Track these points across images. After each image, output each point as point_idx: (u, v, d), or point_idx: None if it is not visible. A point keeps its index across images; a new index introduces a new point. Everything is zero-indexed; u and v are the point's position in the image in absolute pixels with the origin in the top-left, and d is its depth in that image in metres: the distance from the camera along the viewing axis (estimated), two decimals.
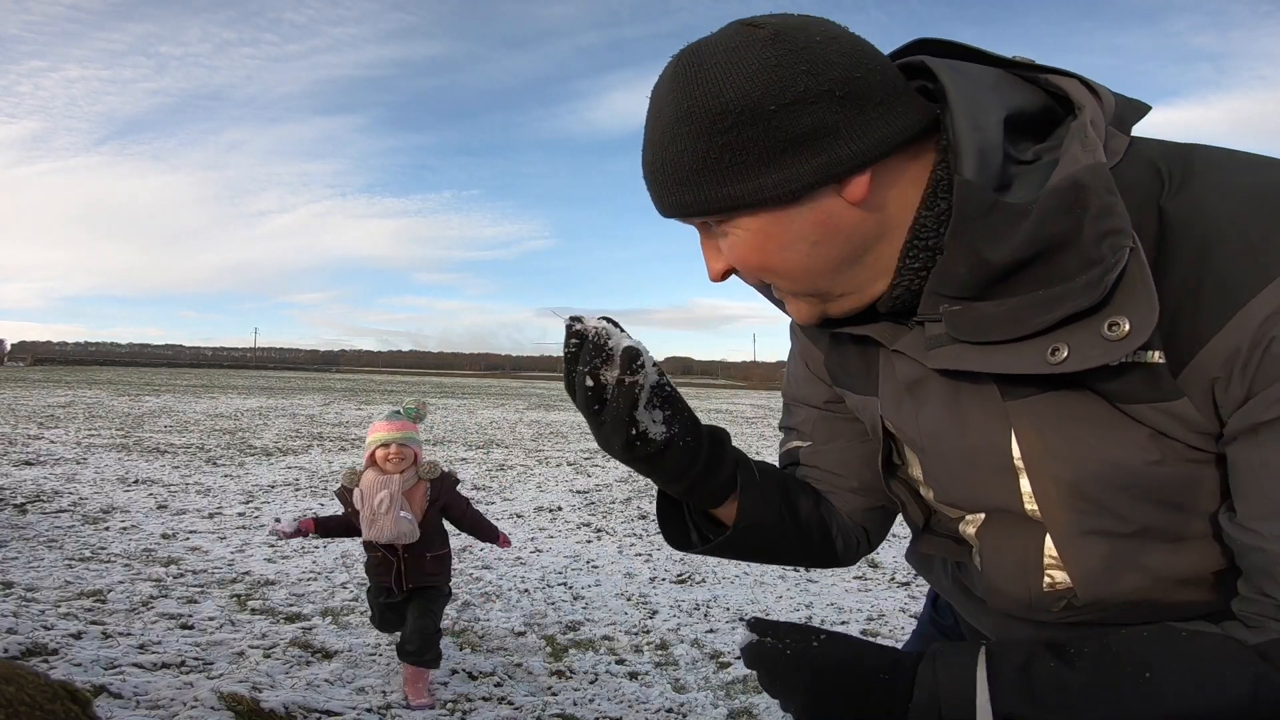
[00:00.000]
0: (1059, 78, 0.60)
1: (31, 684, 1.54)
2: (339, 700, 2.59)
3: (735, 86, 0.55)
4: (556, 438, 13.06)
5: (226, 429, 12.23)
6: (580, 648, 3.26)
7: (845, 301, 0.65)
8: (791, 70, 0.55)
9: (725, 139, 0.56)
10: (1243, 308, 0.50)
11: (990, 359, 0.58)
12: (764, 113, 0.55)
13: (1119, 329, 0.52)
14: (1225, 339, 0.51)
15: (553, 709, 2.65)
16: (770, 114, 0.55)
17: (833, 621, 3.68)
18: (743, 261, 0.63)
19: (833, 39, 0.57)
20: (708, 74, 0.56)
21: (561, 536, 5.46)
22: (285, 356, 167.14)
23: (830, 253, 0.60)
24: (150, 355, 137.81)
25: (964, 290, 0.58)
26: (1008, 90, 0.60)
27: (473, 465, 9.06)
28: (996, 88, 0.60)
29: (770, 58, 0.55)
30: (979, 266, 0.57)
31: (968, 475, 0.68)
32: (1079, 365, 0.54)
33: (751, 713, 2.69)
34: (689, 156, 0.58)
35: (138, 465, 7.87)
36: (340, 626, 3.38)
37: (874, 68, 0.57)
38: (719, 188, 0.58)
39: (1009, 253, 0.55)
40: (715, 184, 0.58)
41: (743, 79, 0.55)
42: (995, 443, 0.63)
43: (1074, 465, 0.59)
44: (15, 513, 5.38)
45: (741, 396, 44.96)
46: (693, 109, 0.57)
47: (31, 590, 3.62)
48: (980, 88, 0.59)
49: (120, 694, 2.45)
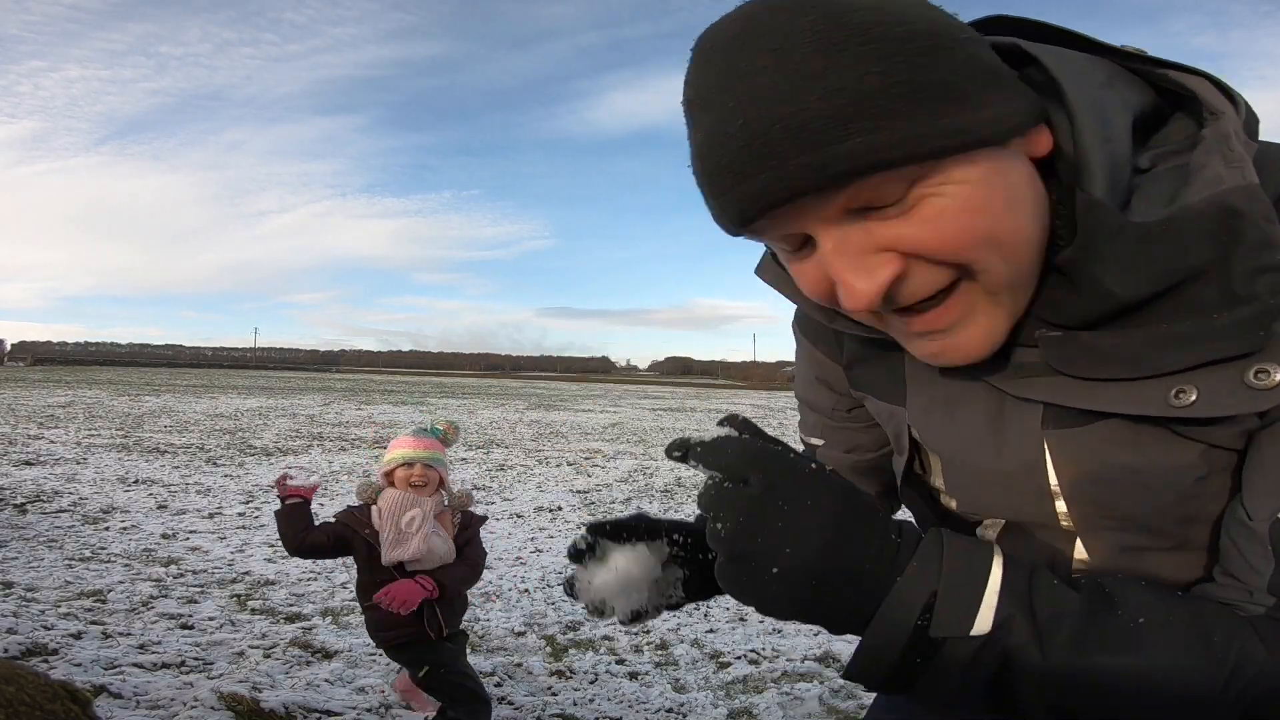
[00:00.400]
0: (1185, 75, 0.52)
1: (31, 684, 1.54)
2: (339, 700, 2.59)
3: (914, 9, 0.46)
4: (556, 438, 13.06)
5: (226, 429, 12.23)
6: (580, 648, 3.26)
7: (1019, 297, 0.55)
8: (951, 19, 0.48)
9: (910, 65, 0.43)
10: None
11: (1098, 397, 0.52)
12: (954, 42, 0.46)
13: (1268, 378, 0.46)
14: None
15: (553, 709, 2.65)
16: (960, 43, 0.46)
17: None
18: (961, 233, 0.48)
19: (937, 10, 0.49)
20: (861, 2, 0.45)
21: (561, 536, 5.46)
22: (285, 356, 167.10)
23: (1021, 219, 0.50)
24: (150, 355, 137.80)
25: (1074, 320, 0.52)
26: (1124, 89, 0.52)
27: (473, 465, 9.06)
28: (1112, 85, 0.52)
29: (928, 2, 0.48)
30: (1101, 298, 0.50)
31: (1000, 494, 0.63)
32: (1209, 412, 0.48)
33: (751, 713, 2.69)
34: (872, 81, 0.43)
35: (138, 465, 7.87)
36: (340, 626, 3.38)
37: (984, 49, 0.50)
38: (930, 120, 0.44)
39: (1141, 286, 0.48)
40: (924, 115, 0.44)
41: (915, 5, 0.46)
42: (1032, 469, 0.59)
43: (1116, 491, 0.55)
44: (15, 513, 5.38)
45: (741, 396, 44.93)
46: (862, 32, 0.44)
47: (31, 590, 3.62)
48: (1096, 85, 0.50)
49: (120, 694, 2.45)
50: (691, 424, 17.97)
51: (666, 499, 7.18)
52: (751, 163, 0.46)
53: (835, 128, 0.43)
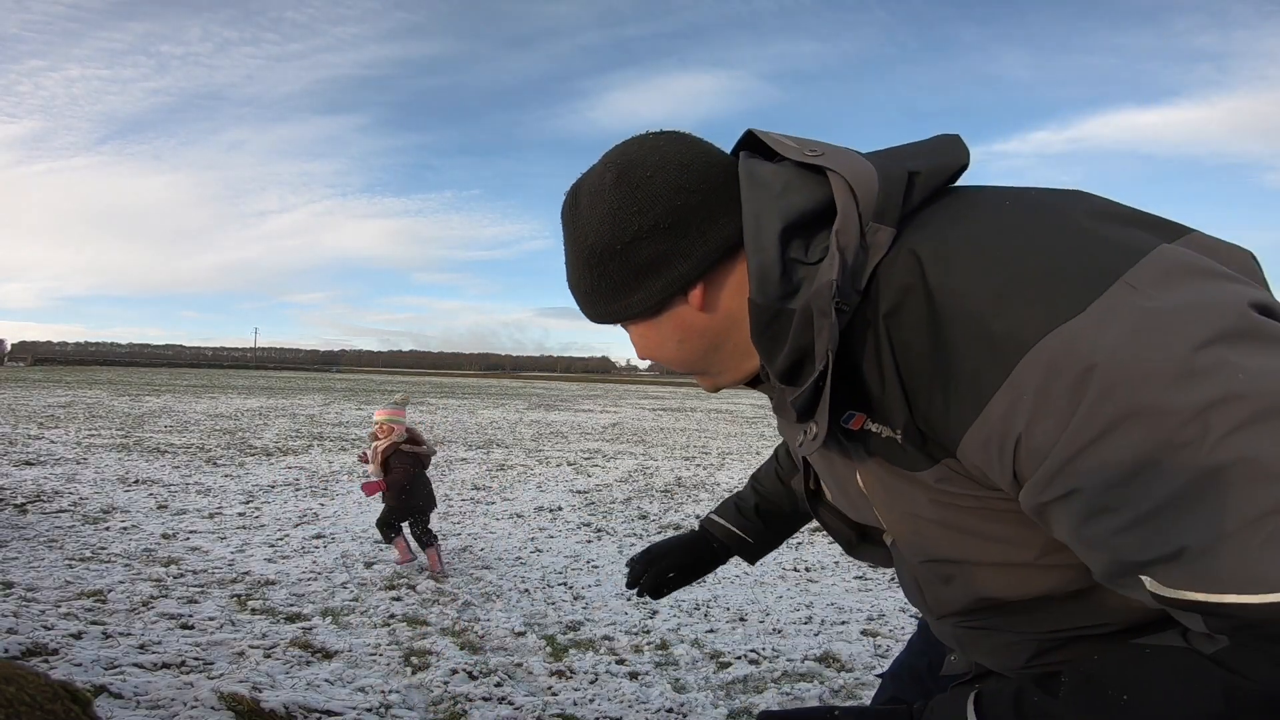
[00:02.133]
0: (831, 174, 0.64)
1: (32, 684, 1.54)
2: (339, 700, 2.59)
3: (594, 232, 0.70)
4: (557, 438, 13.06)
5: (226, 429, 12.23)
6: (580, 648, 3.26)
7: (725, 377, 0.77)
8: (627, 212, 0.68)
9: (596, 272, 0.71)
10: (987, 405, 0.54)
11: (791, 430, 0.75)
12: (614, 251, 0.69)
13: (811, 432, 0.66)
14: (978, 432, 0.55)
15: (553, 709, 2.65)
16: (618, 252, 0.69)
17: (833, 621, 3.68)
18: (639, 353, 0.78)
19: (662, 168, 0.68)
20: (580, 218, 0.72)
21: (561, 536, 5.46)
22: (285, 356, 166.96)
23: (695, 346, 0.73)
24: (150, 355, 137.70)
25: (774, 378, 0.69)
26: (794, 193, 0.65)
27: (473, 465, 9.06)
28: (784, 193, 0.65)
29: (614, 202, 0.68)
30: (768, 365, 0.68)
31: (849, 505, 0.78)
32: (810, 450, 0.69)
33: (751, 713, 2.68)
34: (583, 284, 0.74)
35: (138, 465, 7.87)
36: (340, 626, 3.38)
37: (695, 190, 0.67)
38: (603, 306, 0.73)
39: (781, 361, 0.66)
40: (601, 304, 0.73)
41: (597, 224, 0.69)
42: (851, 482, 0.73)
43: (891, 507, 0.70)
44: (15, 513, 5.38)
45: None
46: (575, 249, 0.73)
47: (32, 590, 3.62)
48: (768, 198, 0.65)
49: (120, 694, 2.45)
50: (692, 424, 17.97)
51: (666, 499, 7.18)
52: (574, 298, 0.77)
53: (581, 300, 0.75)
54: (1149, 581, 0.52)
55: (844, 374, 0.62)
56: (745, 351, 0.72)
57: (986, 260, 0.56)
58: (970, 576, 0.68)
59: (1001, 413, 0.53)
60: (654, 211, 0.67)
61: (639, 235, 0.67)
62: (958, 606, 0.72)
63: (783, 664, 3.12)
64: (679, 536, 1.22)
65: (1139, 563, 0.52)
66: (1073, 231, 0.57)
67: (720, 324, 0.71)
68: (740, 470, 9.54)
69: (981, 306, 0.54)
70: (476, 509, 6.35)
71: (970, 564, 0.67)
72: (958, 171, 0.66)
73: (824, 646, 3.31)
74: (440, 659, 3.02)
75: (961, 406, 0.55)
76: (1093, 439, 0.51)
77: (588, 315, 0.76)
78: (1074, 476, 0.52)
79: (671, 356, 0.75)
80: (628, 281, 0.70)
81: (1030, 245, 0.56)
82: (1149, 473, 0.50)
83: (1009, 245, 0.56)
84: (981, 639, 0.74)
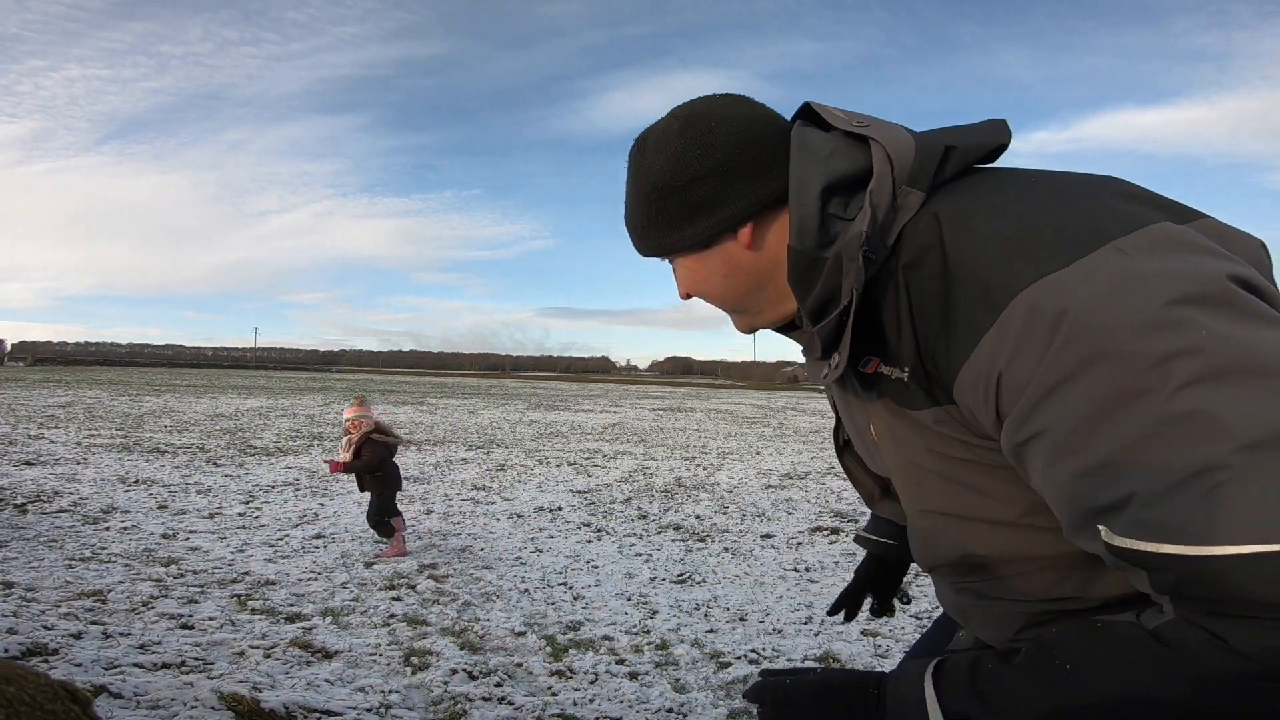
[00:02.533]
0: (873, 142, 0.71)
1: (32, 684, 1.54)
2: (339, 700, 2.59)
3: (657, 171, 0.77)
4: (557, 438, 13.06)
5: (226, 429, 12.23)
6: (580, 648, 3.26)
7: (763, 317, 0.83)
8: (689, 156, 0.75)
9: (655, 208, 0.78)
10: (978, 345, 0.60)
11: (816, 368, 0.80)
12: (673, 189, 0.76)
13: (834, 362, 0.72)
14: (970, 371, 0.61)
15: (553, 709, 2.65)
16: (677, 189, 0.76)
17: (833, 621, 3.67)
18: (684, 288, 0.84)
19: (724, 122, 0.75)
20: (644, 159, 0.80)
21: (561, 536, 5.46)
22: (285, 356, 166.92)
23: (739, 283, 0.80)
24: (150, 355, 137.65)
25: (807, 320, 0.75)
26: (839, 159, 0.72)
27: (473, 465, 9.06)
28: (829, 158, 0.72)
29: (678, 147, 0.76)
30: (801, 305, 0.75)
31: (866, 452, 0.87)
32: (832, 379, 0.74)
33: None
34: (640, 218, 0.81)
35: (138, 465, 7.87)
36: (340, 626, 3.38)
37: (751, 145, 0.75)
38: (659, 239, 0.80)
39: (812, 301, 0.73)
40: (656, 236, 0.80)
41: (660, 165, 0.77)
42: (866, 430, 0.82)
43: (896, 453, 0.76)
44: (15, 513, 5.38)
45: (741, 396, 44.90)
46: (637, 187, 0.80)
47: (32, 590, 3.62)
48: (814, 161, 0.72)
49: (120, 694, 2.45)
50: (692, 424, 17.97)
51: (666, 499, 7.18)
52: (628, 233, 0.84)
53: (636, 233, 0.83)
54: (1104, 531, 0.55)
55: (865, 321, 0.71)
56: (784, 295, 0.79)
57: (998, 224, 0.62)
58: (958, 530, 0.74)
59: (989, 353, 0.59)
60: (713, 158, 0.75)
61: (697, 176, 0.75)
62: (945, 559, 0.78)
63: (783, 664, 3.12)
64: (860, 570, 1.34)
65: (1094, 509, 0.56)
66: (1084, 204, 0.62)
67: (764, 264, 0.78)
68: (740, 470, 9.54)
69: (985, 261, 0.61)
70: (476, 509, 6.35)
71: (958, 517, 0.73)
72: (996, 150, 0.73)
73: (824, 646, 3.31)
74: (440, 659, 3.02)
75: (959, 348, 0.62)
76: (1061, 379, 0.55)
77: (642, 248, 0.83)
78: (1043, 414, 0.57)
79: (716, 290, 0.81)
80: (684, 216, 0.77)
81: (1039, 213, 0.62)
82: (1109, 417, 0.53)
83: (1021, 213, 0.62)
84: (977, 609, 0.79)
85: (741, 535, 5.71)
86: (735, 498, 7.41)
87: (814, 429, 17.83)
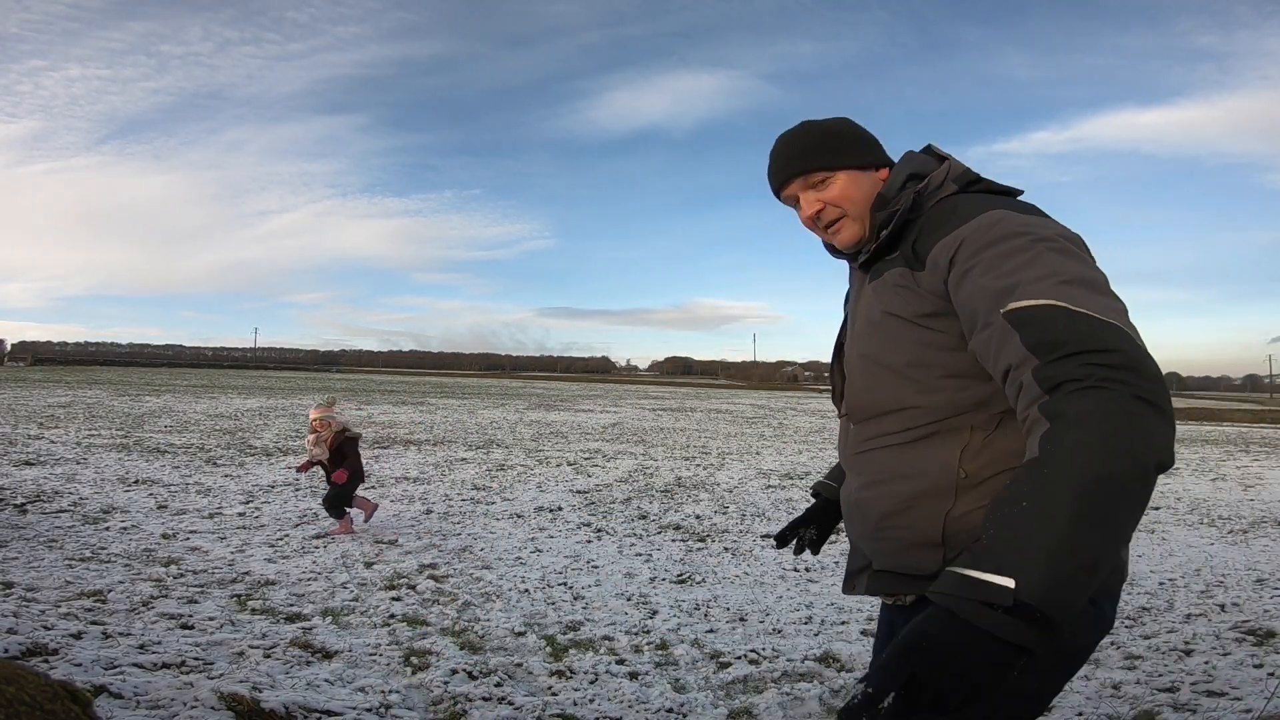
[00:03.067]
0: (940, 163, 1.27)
1: (32, 684, 1.54)
2: (339, 700, 2.59)
3: (834, 124, 1.31)
4: (557, 438, 13.07)
5: (226, 429, 12.24)
6: (580, 648, 3.26)
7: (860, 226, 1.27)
8: (851, 126, 1.32)
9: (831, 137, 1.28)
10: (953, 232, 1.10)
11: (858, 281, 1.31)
12: (845, 133, 1.30)
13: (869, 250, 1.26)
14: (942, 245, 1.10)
15: (553, 709, 2.65)
16: (848, 133, 1.30)
17: (833, 621, 3.68)
18: (838, 195, 1.26)
19: (854, 125, 1.33)
20: (820, 121, 1.32)
21: (561, 536, 5.46)
22: (285, 356, 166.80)
23: (866, 194, 1.27)
24: (150, 355, 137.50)
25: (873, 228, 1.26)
26: (920, 164, 1.26)
27: (473, 465, 9.06)
28: (919, 167, 1.26)
29: (843, 122, 1.32)
30: (873, 225, 1.26)
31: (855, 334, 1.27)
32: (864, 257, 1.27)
33: (751, 713, 2.69)
34: (813, 142, 1.28)
35: (138, 465, 7.87)
36: (340, 626, 3.38)
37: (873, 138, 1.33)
38: (843, 158, 1.27)
39: (879, 220, 1.24)
40: (842, 156, 1.27)
41: (840, 124, 1.32)
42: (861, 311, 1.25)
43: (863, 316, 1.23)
44: (15, 513, 5.38)
45: (741, 396, 44.91)
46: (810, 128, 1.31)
47: (32, 590, 3.62)
48: (909, 165, 1.26)
49: (120, 694, 2.45)
50: (692, 424, 17.98)
51: (666, 499, 7.18)
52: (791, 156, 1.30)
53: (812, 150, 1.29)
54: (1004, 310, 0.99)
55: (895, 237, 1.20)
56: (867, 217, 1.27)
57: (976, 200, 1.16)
58: (872, 373, 1.19)
59: (957, 235, 1.09)
60: (863, 135, 1.31)
61: (858, 136, 1.30)
62: (862, 402, 1.22)
63: (783, 664, 3.12)
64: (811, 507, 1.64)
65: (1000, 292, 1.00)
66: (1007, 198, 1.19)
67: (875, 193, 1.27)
68: (740, 470, 9.54)
69: (968, 206, 1.14)
70: (476, 509, 6.35)
71: (871, 359, 1.19)
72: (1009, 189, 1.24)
73: (824, 646, 3.31)
74: (440, 659, 3.02)
75: (942, 233, 1.11)
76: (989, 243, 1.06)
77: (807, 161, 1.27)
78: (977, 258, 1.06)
79: (860, 196, 1.26)
80: (854, 147, 1.28)
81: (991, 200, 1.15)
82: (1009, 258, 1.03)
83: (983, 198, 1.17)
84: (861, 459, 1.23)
85: (741, 535, 5.71)
86: (735, 498, 7.41)
87: (814, 429, 17.83)
